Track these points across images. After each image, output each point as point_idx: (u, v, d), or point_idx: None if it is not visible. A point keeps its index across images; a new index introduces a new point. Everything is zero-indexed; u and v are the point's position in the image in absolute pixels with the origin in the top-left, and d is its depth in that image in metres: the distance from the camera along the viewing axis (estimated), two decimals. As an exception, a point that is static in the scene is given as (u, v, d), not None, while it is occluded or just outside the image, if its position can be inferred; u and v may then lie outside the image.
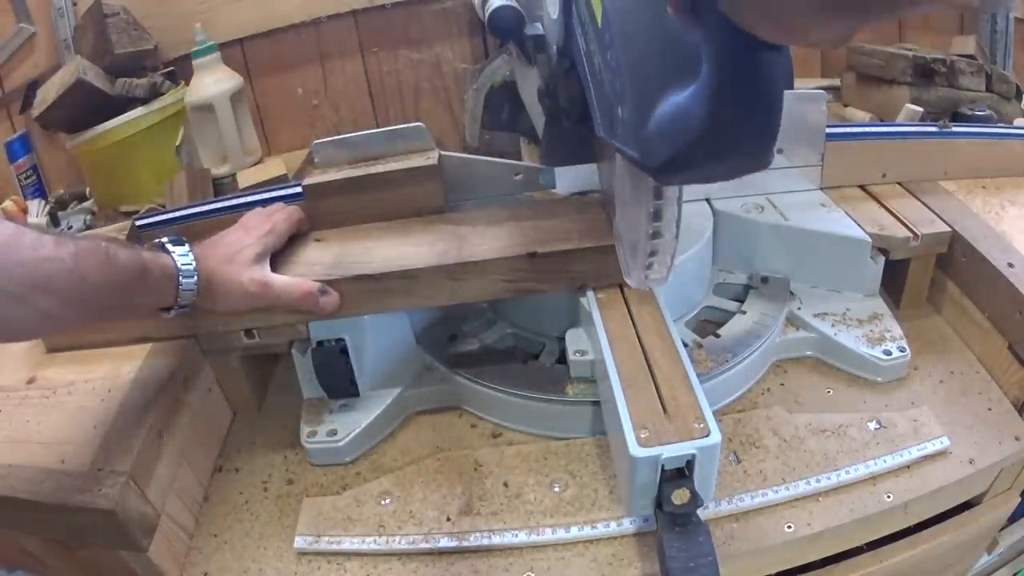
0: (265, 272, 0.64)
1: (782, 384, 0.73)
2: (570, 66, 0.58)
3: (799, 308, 0.77)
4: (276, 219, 0.69)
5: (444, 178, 0.74)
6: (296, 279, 0.64)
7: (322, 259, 0.69)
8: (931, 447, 0.63)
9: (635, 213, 0.53)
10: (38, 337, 0.69)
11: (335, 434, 0.69)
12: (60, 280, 0.48)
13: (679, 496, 0.52)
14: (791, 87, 0.87)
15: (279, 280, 0.64)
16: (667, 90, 0.38)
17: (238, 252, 0.63)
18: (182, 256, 0.59)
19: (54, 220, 1.23)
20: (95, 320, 0.56)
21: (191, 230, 0.78)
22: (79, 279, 0.49)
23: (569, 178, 0.77)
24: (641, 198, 0.51)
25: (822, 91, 0.79)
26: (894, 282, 0.79)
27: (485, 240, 0.68)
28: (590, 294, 0.67)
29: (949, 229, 0.75)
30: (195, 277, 0.59)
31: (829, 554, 0.62)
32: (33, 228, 0.49)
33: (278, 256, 0.68)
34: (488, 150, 1.15)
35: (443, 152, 0.74)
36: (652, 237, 0.52)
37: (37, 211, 1.25)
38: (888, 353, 0.71)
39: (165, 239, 0.60)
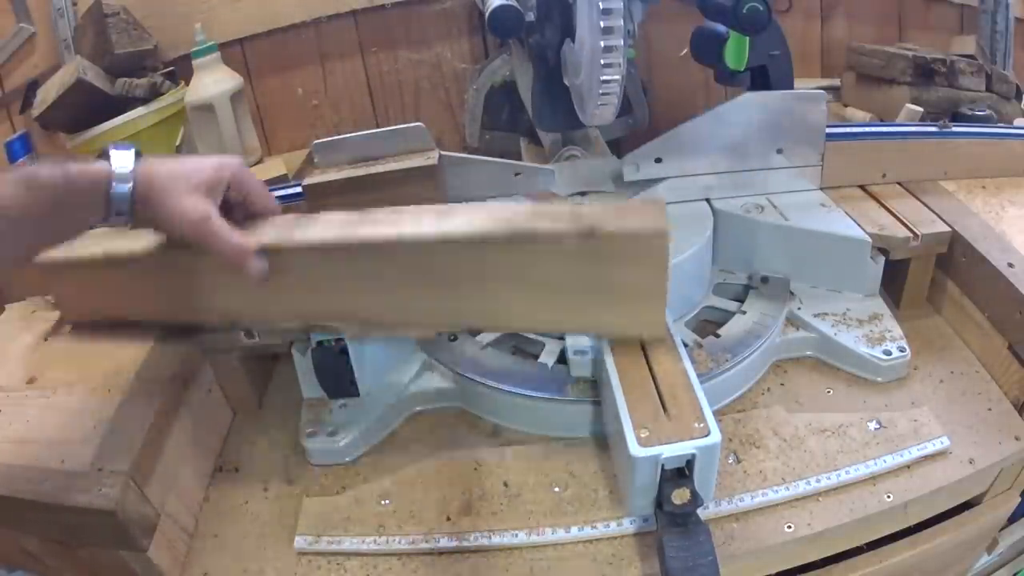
0: (210, 205, 0.55)
1: (782, 384, 0.73)
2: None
3: (799, 308, 0.76)
4: (251, 182, 0.60)
5: (444, 178, 0.74)
6: (238, 230, 0.56)
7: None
8: (931, 447, 0.63)
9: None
10: None
11: (335, 434, 0.69)
12: None
13: (679, 496, 0.52)
14: (791, 87, 0.88)
15: (221, 222, 0.55)
16: None
17: (193, 172, 0.56)
18: (121, 160, 0.53)
19: (54, 220, 1.22)
20: (33, 251, 0.53)
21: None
22: None
23: (569, 179, 0.78)
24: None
25: (822, 91, 0.79)
26: (894, 282, 0.79)
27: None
28: (590, 294, 0.67)
29: (949, 229, 0.75)
30: (131, 183, 0.53)
31: (829, 554, 0.62)
32: None
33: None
34: (488, 150, 1.15)
35: (443, 152, 0.74)
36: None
37: (37, 211, 1.25)
38: (888, 353, 0.71)
39: (112, 144, 0.55)
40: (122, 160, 0.53)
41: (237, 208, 0.59)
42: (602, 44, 0.67)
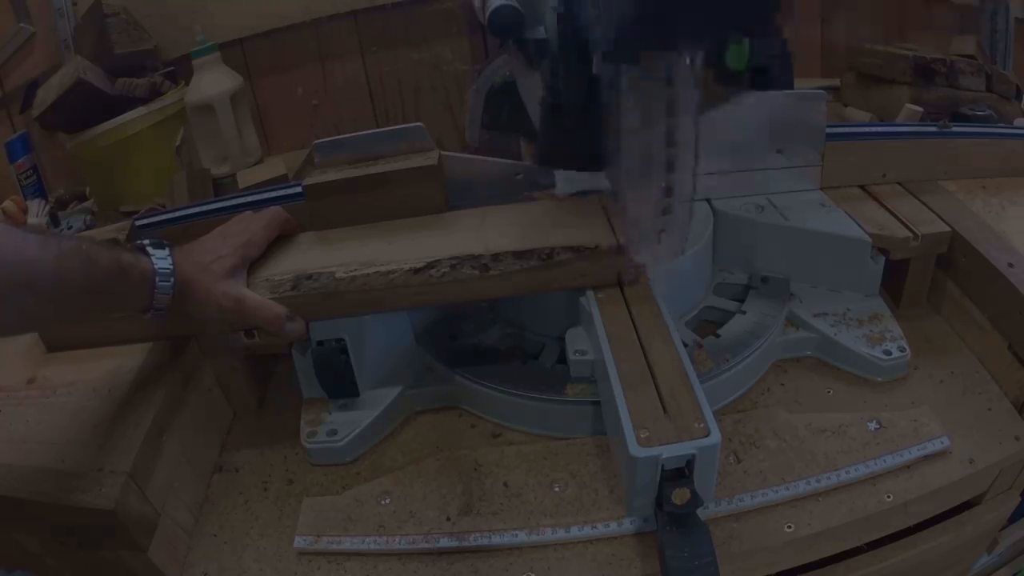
0: (239, 287, 0.64)
1: (782, 384, 0.73)
2: (572, 50, 0.61)
3: (799, 308, 0.77)
4: (253, 229, 0.69)
5: (444, 178, 0.74)
6: (268, 301, 0.64)
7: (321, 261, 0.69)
8: (931, 447, 0.63)
9: (645, 192, 0.58)
10: (14, 335, 0.69)
11: (335, 434, 0.69)
12: (43, 282, 0.49)
13: (679, 496, 0.52)
14: (791, 87, 0.88)
15: (251, 299, 0.64)
16: None
17: (214, 262, 0.63)
18: (161, 260, 0.59)
19: (54, 220, 1.23)
20: (72, 319, 0.58)
21: (191, 230, 0.78)
22: (61, 281, 0.50)
23: (569, 179, 0.78)
24: (652, 175, 0.56)
25: (822, 91, 0.79)
26: (894, 282, 0.79)
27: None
28: (590, 294, 0.67)
29: (949, 229, 0.75)
30: (171, 281, 0.59)
31: (829, 554, 0.62)
32: (19, 229, 0.50)
33: (268, 258, 0.69)
34: (488, 150, 1.15)
35: (443, 152, 0.74)
36: (663, 212, 0.58)
37: (37, 211, 1.25)
38: (888, 353, 0.71)
39: (147, 241, 0.60)
40: (161, 259, 0.59)
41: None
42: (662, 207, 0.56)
